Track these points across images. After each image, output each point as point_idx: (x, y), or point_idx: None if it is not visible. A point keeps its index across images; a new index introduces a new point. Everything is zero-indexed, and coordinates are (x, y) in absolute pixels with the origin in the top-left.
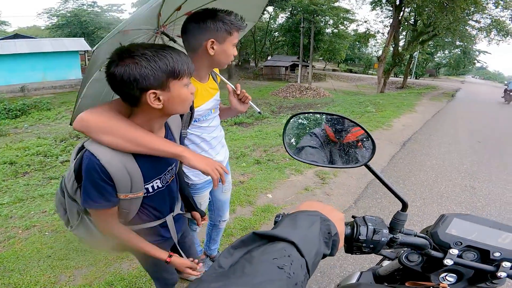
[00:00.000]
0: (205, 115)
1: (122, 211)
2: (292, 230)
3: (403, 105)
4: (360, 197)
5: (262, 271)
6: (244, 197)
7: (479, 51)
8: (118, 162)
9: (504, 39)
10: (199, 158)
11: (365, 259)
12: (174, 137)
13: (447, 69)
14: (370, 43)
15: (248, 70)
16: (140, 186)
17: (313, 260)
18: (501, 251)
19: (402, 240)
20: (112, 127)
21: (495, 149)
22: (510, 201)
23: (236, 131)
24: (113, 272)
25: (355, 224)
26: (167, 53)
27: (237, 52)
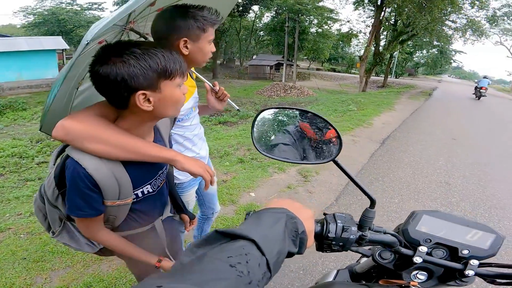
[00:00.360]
0: (187, 114)
1: (109, 217)
2: (255, 228)
3: (383, 103)
4: (341, 194)
5: (210, 269)
6: (227, 196)
7: (455, 51)
8: (105, 169)
9: (479, 39)
10: (191, 161)
11: (346, 256)
12: (164, 141)
13: (425, 69)
14: (352, 43)
15: (233, 69)
16: (129, 193)
17: (275, 258)
18: (469, 248)
19: (371, 237)
20: (97, 134)
21: (468, 146)
22: (483, 197)
23: (220, 130)
24: (91, 274)
25: (325, 221)
26: (158, 51)
27: (215, 48)
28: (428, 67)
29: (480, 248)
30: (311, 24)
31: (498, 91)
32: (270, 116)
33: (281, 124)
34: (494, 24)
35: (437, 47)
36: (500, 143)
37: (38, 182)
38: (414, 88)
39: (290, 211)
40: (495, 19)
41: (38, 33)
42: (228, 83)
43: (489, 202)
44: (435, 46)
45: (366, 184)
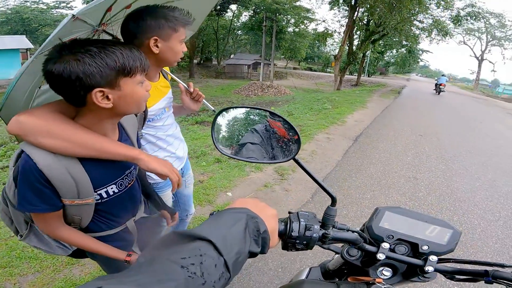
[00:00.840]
0: (158, 115)
1: (73, 218)
2: (213, 228)
3: (356, 102)
4: (317, 191)
5: (157, 270)
6: (203, 196)
7: (422, 50)
8: (59, 166)
9: (444, 38)
10: (157, 161)
11: (323, 252)
12: (131, 139)
13: (395, 68)
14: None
15: (210, 68)
16: (89, 192)
17: (234, 258)
18: (429, 244)
19: (334, 235)
20: (53, 129)
21: (434, 141)
22: (448, 191)
23: (197, 130)
24: (63, 278)
25: (289, 220)
26: (116, 49)
27: (186, 48)
28: (398, 66)
29: (438, 244)
30: (288, 24)
31: (461, 89)
32: (235, 115)
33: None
34: (458, 24)
35: (406, 47)
36: (463, 139)
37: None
38: (385, 87)
39: (251, 211)
40: (459, 19)
41: (1, 32)
42: (206, 83)
43: (453, 196)
44: (404, 45)
45: (339, 181)
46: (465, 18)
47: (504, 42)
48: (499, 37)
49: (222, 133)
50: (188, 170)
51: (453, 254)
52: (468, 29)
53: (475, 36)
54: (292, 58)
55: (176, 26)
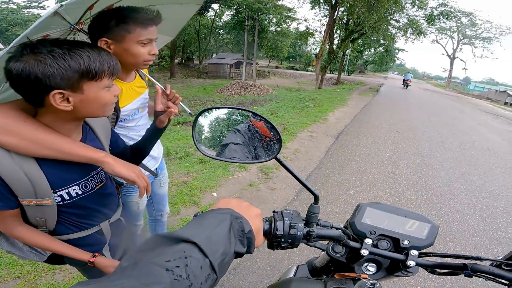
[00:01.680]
0: (131, 115)
1: (36, 219)
2: (197, 230)
3: (337, 100)
4: (301, 189)
5: (142, 274)
6: (188, 197)
7: (398, 49)
8: (10, 164)
9: (418, 37)
10: (123, 165)
11: (310, 250)
12: (100, 139)
13: (373, 66)
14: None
15: (192, 68)
16: (46, 193)
17: (220, 259)
18: (409, 239)
19: (318, 233)
20: (11, 127)
21: (410, 138)
22: (425, 186)
23: (180, 131)
24: (45, 284)
25: (273, 219)
26: (83, 51)
27: (156, 50)
28: (376, 64)
29: (418, 238)
30: (270, 23)
31: (435, 86)
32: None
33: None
34: (431, 23)
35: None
36: (438, 134)
37: None
38: (364, 85)
39: (235, 211)
40: (432, 18)
41: None
42: (187, 83)
43: (431, 190)
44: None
45: (323, 178)
46: (438, 17)
47: (475, 40)
48: (470, 36)
49: (204, 134)
50: (163, 170)
51: (433, 247)
52: (441, 28)
53: (447, 35)
54: (274, 57)
55: (129, 26)
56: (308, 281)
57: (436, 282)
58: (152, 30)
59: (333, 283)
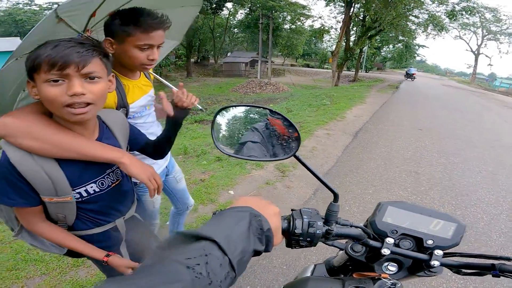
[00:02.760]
0: (139, 112)
1: (57, 215)
2: (216, 227)
3: (354, 97)
4: (319, 187)
5: (165, 272)
6: (205, 195)
7: (418, 45)
8: (32, 164)
9: (439, 33)
10: (138, 166)
11: (327, 249)
12: (117, 139)
13: (392, 63)
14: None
15: (208, 67)
16: (66, 190)
17: (239, 257)
18: (433, 238)
19: (337, 231)
20: (34, 131)
21: (433, 136)
22: (450, 185)
23: (196, 129)
24: (69, 281)
25: (292, 217)
26: (51, 43)
27: (155, 56)
28: (395, 61)
29: (443, 238)
30: (285, 21)
31: (459, 83)
32: (234, 114)
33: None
34: (453, 19)
35: (402, 42)
36: (463, 132)
37: None
38: (383, 82)
39: (254, 209)
40: (454, 14)
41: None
42: (203, 81)
43: (455, 190)
44: (400, 41)
45: (340, 177)
46: (460, 13)
47: (500, 36)
48: (494, 32)
49: (222, 132)
50: (174, 167)
51: (458, 248)
52: (464, 23)
53: (471, 31)
54: (289, 55)
55: (130, 29)
56: (326, 280)
57: (459, 283)
58: (153, 35)
59: (352, 282)
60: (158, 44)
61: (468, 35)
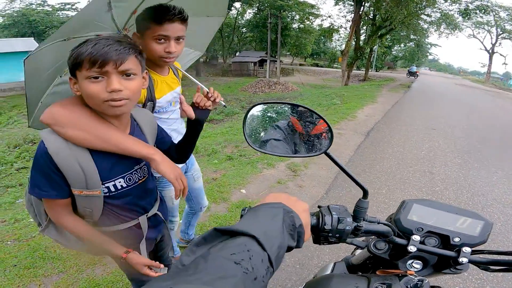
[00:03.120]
0: (165, 107)
1: (84, 209)
2: (254, 224)
3: (365, 96)
4: (331, 187)
5: (216, 267)
6: (217, 194)
7: (431, 44)
8: (68, 155)
9: (453, 32)
10: (168, 165)
11: (340, 248)
12: (145, 135)
13: (404, 62)
14: (334, 38)
15: (217, 66)
16: (96, 184)
17: (276, 253)
18: (460, 236)
19: (366, 228)
20: (81, 122)
21: (448, 135)
22: (465, 185)
23: (206, 128)
24: (86, 279)
25: (320, 214)
26: (92, 41)
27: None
28: (406, 60)
29: (470, 235)
30: (293, 20)
31: (473, 82)
32: (260, 112)
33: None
34: (466, 17)
35: (414, 41)
36: (477, 132)
37: (19, 188)
38: (394, 81)
39: (286, 205)
40: (468, 13)
41: (8, 35)
42: (212, 81)
43: (471, 190)
44: (412, 39)
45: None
46: (474, 12)
47: None
48: (509, 30)
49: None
50: (193, 165)
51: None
52: (477, 22)
53: (485, 30)
54: (298, 55)
55: (148, 23)
56: (351, 277)
57: (476, 283)
58: (167, 27)
59: (377, 279)
60: (175, 36)
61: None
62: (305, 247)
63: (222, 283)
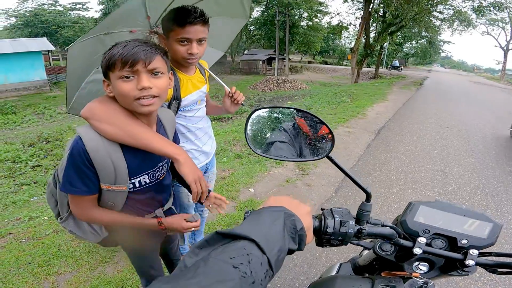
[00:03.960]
0: (190, 105)
1: (107, 203)
2: (254, 227)
3: (376, 94)
4: (340, 186)
5: (214, 271)
6: (226, 192)
7: (443, 41)
8: (103, 150)
9: (466, 29)
10: (190, 167)
11: (349, 249)
12: (167, 135)
13: (415, 59)
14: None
15: (225, 65)
16: (124, 179)
17: (276, 257)
18: (468, 238)
19: (369, 231)
20: (115, 117)
21: (461, 134)
22: (479, 185)
23: (215, 127)
24: (98, 276)
25: (323, 216)
26: (121, 44)
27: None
28: (418, 57)
29: (478, 238)
30: (301, 18)
31: (487, 79)
32: (264, 114)
33: (276, 122)
34: (480, 14)
35: (426, 38)
36: (492, 130)
37: (34, 186)
38: (405, 78)
39: (288, 209)
40: (481, 10)
41: (21, 35)
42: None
43: (485, 190)
44: (423, 36)
45: (363, 176)
46: (487, 9)
47: None
48: None
49: (255, 133)
50: (213, 168)
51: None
52: (491, 19)
53: (499, 27)
54: (306, 52)
55: (171, 25)
56: (355, 279)
57: (488, 285)
58: (189, 30)
59: (382, 281)
60: (197, 38)
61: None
62: (313, 247)
63: (220, 287)
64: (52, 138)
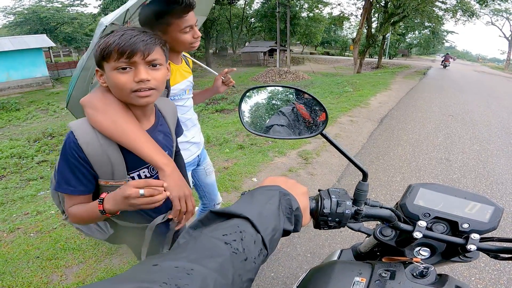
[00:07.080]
0: (179, 94)
1: None
2: (248, 206)
3: (378, 84)
4: (343, 175)
5: (204, 246)
6: (229, 182)
7: (447, 31)
8: (97, 144)
9: (470, 19)
10: (176, 180)
11: (352, 237)
12: (168, 125)
13: (418, 49)
14: (344, 26)
15: (226, 57)
16: (122, 175)
17: (270, 236)
18: (469, 222)
19: (367, 212)
20: (111, 110)
21: (466, 122)
22: (484, 173)
23: (218, 118)
24: (104, 268)
25: (320, 197)
26: (118, 32)
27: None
28: (421, 47)
29: (480, 221)
30: (302, 9)
31: (492, 69)
32: (258, 95)
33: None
34: (484, 4)
35: (429, 28)
36: (497, 118)
37: (40, 181)
38: (409, 68)
39: (283, 188)
40: (485, 0)
41: (20, 32)
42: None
43: (490, 178)
44: (426, 27)
45: (366, 164)
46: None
47: None
48: None
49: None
50: (206, 159)
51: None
52: (495, 9)
53: (503, 17)
54: (308, 43)
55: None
56: (354, 264)
57: (493, 274)
58: (188, 17)
59: (382, 266)
60: (195, 22)
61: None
62: (316, 236)
63: (209, 261)
64: (57, 133)
